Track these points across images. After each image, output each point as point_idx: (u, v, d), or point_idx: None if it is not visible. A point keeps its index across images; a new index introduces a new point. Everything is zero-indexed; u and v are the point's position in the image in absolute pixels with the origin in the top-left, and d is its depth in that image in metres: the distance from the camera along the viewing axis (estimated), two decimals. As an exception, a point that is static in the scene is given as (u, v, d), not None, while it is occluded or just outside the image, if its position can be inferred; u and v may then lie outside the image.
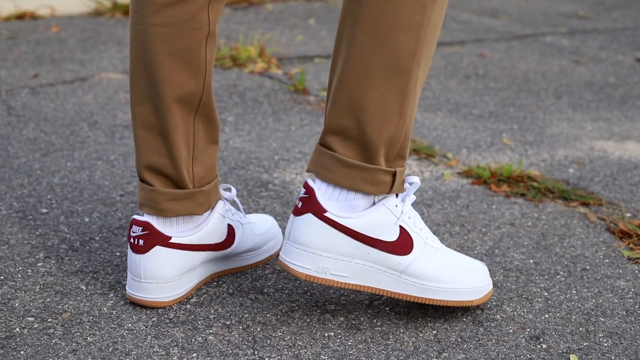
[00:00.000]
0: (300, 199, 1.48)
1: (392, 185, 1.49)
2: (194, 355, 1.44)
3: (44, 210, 1.94)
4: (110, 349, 1.45)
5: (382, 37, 1.42)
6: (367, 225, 1.47)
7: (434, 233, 1.94)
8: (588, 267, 1.83)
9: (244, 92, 2.87)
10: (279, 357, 1.45)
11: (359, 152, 1.46)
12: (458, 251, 1.84)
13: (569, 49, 3.69)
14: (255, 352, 1.46)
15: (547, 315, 1.63)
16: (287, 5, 4.24)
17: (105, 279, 1.67)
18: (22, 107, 2.60)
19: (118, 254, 1.77)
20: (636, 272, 1.82)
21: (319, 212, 1.46)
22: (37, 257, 1.74)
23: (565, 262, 1.84)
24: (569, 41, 3.84)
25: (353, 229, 1.47)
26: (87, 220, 1.91)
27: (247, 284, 1.68)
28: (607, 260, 1.87)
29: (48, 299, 1.58)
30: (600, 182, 2.29)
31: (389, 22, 1.41)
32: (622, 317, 1.65)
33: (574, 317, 1.64)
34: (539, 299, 1.69)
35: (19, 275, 1.66)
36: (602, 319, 1.63)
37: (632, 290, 1.75)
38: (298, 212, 1.47)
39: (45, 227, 1.86)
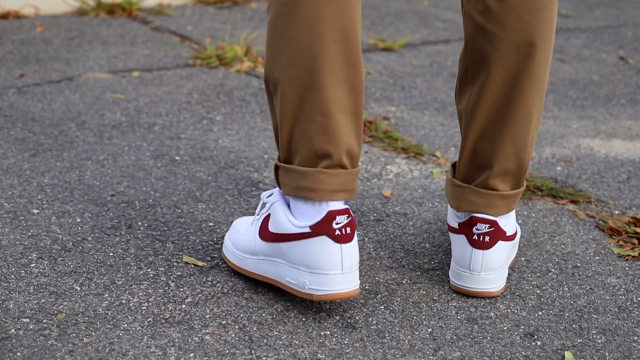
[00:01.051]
0: (486, 234, 1.66)
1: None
2: (191, 355, 1.44)
3: (35, 211, 1.93)
4: (107, 349, 1.44)
5: (541, 88, 1.63)
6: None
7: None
8: (579, 265, 1.84)
9: (231, 92, 2.87)
10: (277, 357, 1.45)
11: (514, 183, 1.70)
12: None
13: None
14: (253, 351, 1.46)
15: (540, 313, 1.65)
16: (272, 4, 4.24)
17: (99, 280, 1.66)
18: (9, 107, 2.59)
19: (111, 254, 1.76)
20: (626, 269, 1.84)
21: (505, 237, 1.67)
22: (29, 257, 1.73)
23: (557, 260, 1.86)
24: (553, 39, 3.85)
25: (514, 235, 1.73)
26: (78, 220, 1.90)
27: (241, 283, 1.68)
28: (597, 258, 1.88)
29: (42, 300, 1.58)
30: (588, 179, 2.31)
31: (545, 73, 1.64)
32: (615, 313, 1.66)
33: (567, 314, 1.65)
34: (532, 297, 1.70)
35: (12, 276, 1.66)
36: (595, 316, 1.65)
37: (624, 287, 1.76)
38: (488, 246, 1.65)
39: (37, 228, 1.86)
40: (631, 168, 2.40)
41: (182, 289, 1.64)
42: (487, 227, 1.65)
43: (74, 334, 1.48)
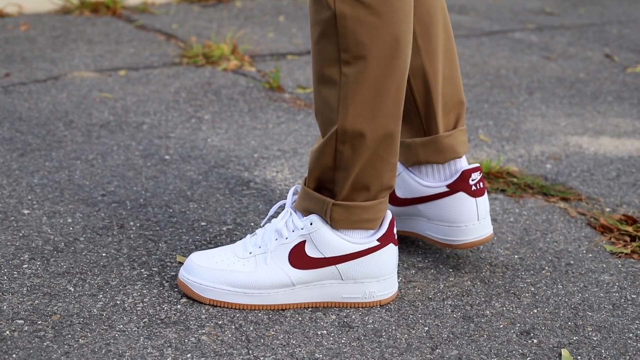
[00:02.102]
0: (480, 180, 1.74)
1: None
2: (188, 355, 1.43)
3: (26, 211, 1.92)
4: (104, 350, 1.43)
5: None
6: None
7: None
8: (572, 262, 1.85)
9: (219, 90, 2.86)
10: (274, 356, 1.44)
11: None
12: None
13: (538, 45, 3.72)
14: (250, 351, 1.45)
15: (535, 310, 1.65)
16: (256, 3, 4.23)
17: (92, 280, 1.65)
18: (-5, 106, 2.57)
19: (104, 254, 1.75)
20: (619, 266, 1.84)
21: None
22: (22, 258, 1.72)
23: (550, 257, 1.86)
24: (538, 37, 3.87)
25: None
26: (70, 220, 1.89)
27: (236, 283, 1.67)
28: (590, 255, 1.88)
29: (36, 301, 1.57)
30: (577, 177, 2.31)
31: None
32: (609, 311, 1.67)
33: (562, 311, 1.65)
34: (527, 294, 1.70)
35: (5, 278, 1.64)
36: (590, 313, 1.65)
37: (617, 284, 1.77)
38: (484, 190, 1.75)
39: (28, 228, 1.84)
40: (620, 165, 2.41)
41: (176, 289, 1.63)
42: (478, 174, 1.73)
43: (70, 335, 1.47)
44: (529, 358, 1.49)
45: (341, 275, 1.58)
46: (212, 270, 1.58)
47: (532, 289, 1.73)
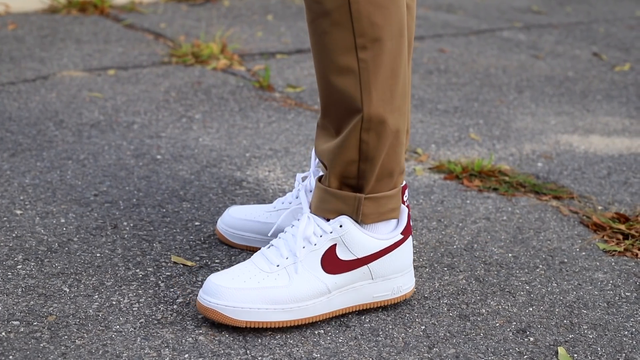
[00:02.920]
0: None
1: None
2: (186, 356, 1.43)
3: (18, 212, 1.91)
4: (101, 351, 1.43)
5: None
6: None
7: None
8: (566, 260, 1.85)
9: (209, 89, 2.85)
10: (272, 356, 1.44)
11: None
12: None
13: (526, 44, 3.73)
14: (248, 351, 1.45)
15: (531, 309, 1.65)
16: (245, 2, 4.22)
17: (87, 281, 1.64)
18: (-16, 106, 2.56)
19: (98, 255, 1.74)
20: (613, 264, 1.85)
21: None
22: (15, 259, 1.71)
23: (544, 256, 1.87)
24: (526, 36, 3.88)
25: None
26: (63, 221, 1.88)
27: (232, 283, 1.67)
28: (583, 253, 1.89)
29: (32, 302, 1.56)
30: (569, 175, 2.32)
31: None
32: (604, 308, 1.67)
33: (557, 309, 1.66)
34: (522, 293, 1.71)
35: (-1, 279, 1.64)
36: (585, 311, 1.66)
37: (611, 282, 1.77)
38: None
39: (21, 229, 1.83)
40: (611, 164, 2.42)
41: (172, 290, 1.63)
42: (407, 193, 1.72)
43: (66, 337, 1.46)
44: (525, 356, 1.50)
45: (372, 274, 1.56)
46: (242, 291, 1.47)
47: (527, 287, 1.73)
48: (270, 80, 2.98)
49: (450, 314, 1.61)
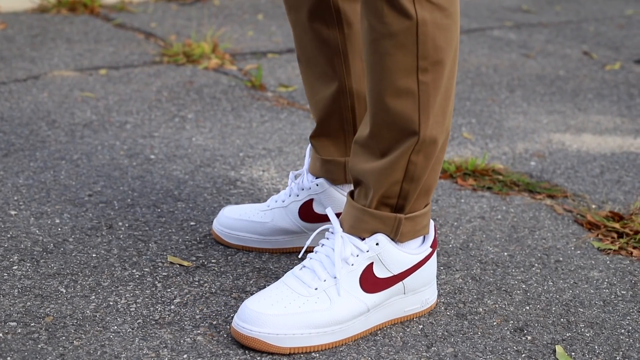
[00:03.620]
0: None
1: None
2: (185, 356, 1.43)
3: (13, 212, 1.90)
4: (99, 352, 1.42)
5: None
6: None
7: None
8: (561, 259, 1.86)
9: (201, 89, 2.85)
10: (271, 357, 1.44)
11: None
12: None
13: (517, 43, 3.73)
14: (246, 351, 1.45)
15: (527, 307, 1.65)
16: (235, 1, 4.22)
17: (84, 281, 1.64)
18: (-24, 106, 2.54)
19: (94, 255, 1.74)
20: (608, 262, 1.86)
21: None
22: (11, 260, 1.70)
23: (539, 254, 1.87)
24: (516, 35, 3.89)
25: None
26: (57, 221, 1.87)
27: (229, 283, 1.67)
28: (578, 252, 1.90)
29: (28, 303, 1.55)
30: (562, 174, 2.32)
31: None
32: (600, 307, 1.68)
33: (553, 308, 1.66)
34: (518, 291, 1.71)
35: (-5, 279, 1.63)
36: (581, 310, 1.66)
37: (606, 280, 1.78)
38: None
39: (16, 230, 1.82)
40: (604, 162, 2.42)
41: (169, 290, 1.63)
42: None
43: (64, 337, 1.46)
44: (524, 355, 1.50)
45: (405, 289, 1.55)
46: (285, 317, 1.44)
47: (523, 286, 1.74)
48: (262, 79, 2.98)
49: (448, 313, 1.61)
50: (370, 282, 1.51)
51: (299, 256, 1.69)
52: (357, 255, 1.50)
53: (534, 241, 1.93)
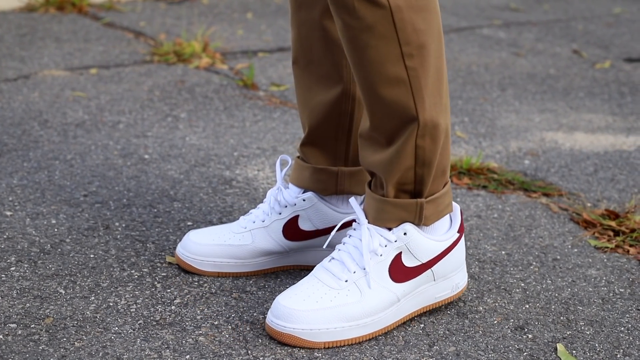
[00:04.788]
0: None
1: None
2: (187, 357, 1.42)
3: (8, 213, 1.89)
4: (101, 353, 1.41)
5: None
6: None
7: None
8: (559, 257, 1.86)
9: (193, 88, 2.84)
10: (274, 356, 1.44)
11: None
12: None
13: (506, 42, 3.74)
14: (249, 351, 1.44)
15: (527, 306, 1.66)
16: (224, 0, 4.21)
17: (83, 282, 1.63)
18: (-33, 106, 2.53)
19: (92, 256, 1.73)
20: (605, 260, 1.86)
21: None
22: (8, 261, 1.69)
23: (536, 253, 1.87)
24: (506, 33, 3.89)
25: None
26: (54, 222, 1.86)
27: (228, 283, 1.66)
28: (575, 250, 1.90)
29: (27, 304, 1.54)
30: (556, 172, 2.33)
31: None
32: (599, 305, 1.68)
33: (553, 306, 1.66)
34: (517, 290, 1.71)
35: (-7, 281, 1.62)
36: (581, 308, 1.66)
37: (604, 278, 1.78)
38: None
39: (12, 230, 1.81)
40: (597, 161, 2.43)
41: (169, 290, 1.62)
42: None
43: (65, 339, 1.45)
44: (525, 353, 1.50)
45: (434, 276, 1.55)
46: (318, 311, 1.45)
47: (522, 284, 1.74)
48: (254, 78, 2.97)
49: (448, 312, 1.61)
50: (399, 271, 1.51)
51: (324, 247, 1.67)
52: (386, 246, 1.51)
53: (530, 240, 1.93)
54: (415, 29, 1.41)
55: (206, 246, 1.68)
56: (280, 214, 1.69)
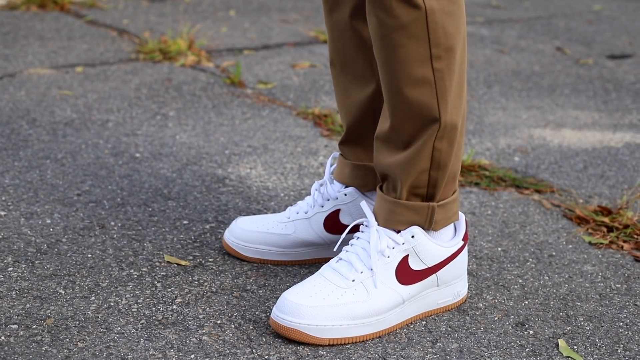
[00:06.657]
0: None
1: None
2: (192, 356, 1.41)
3: (2, 213, 1.87)
4: (105, 354, 1.40)
5: None
6: None
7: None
8: (554, 254, 1.87)
9: (180, 86, 2.83)
10: (278, 355, 1.43)
11: None
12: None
13: (490, 39, 3.76)
14: (253, 350, 1.44)
15: (526, 302, 1.66)
16: (205, -3, 4.20)
17: (82, 282, 1.62)
18: (-47, 105, 2.50)
19: (89, 255, 1.72)
20: (600, 256, 1.87)
21: None
22: (5, 261, 1.67)
23: (532, 249, 1.88)
24: (489, 31, 3.91)
25: None
26: (49, 221, 1.85)
27: (229, 281, 1.66)
28: (570, 246, 1.91)
29: (28, 305, 1.53)
30: (546, 169, 2.34)
31: None
32: (597, 300, 1.69)
33: (552, 302, 1.67)
34: (516, 286, 1.72)
35: (-9, 281, 1.60)
36: (579, 304, 1.67)
37: (600, 274, 1.80)
38: None
39: (7, 230, 1.80)
40: (586, 157, 2.45)
41: (169, 289, 1.61)
42: None
43: (67, 339, 1.44)
44: (527, 349, 1.51)
45: (438, 281, 1.57)
46: (324, 308, 1.46)
47: (520, 280, 1.75)
48: (240, 76, 2.96)
49: (449, 309, 1.62)
50: (405, 274, 1.53)
51: (334, 249, 1.69)
52: (393, 248, 1.52)
53: (525, 236, 1.94)
54: (445, 32, 1.43)
55: (251, 232, 1.73)
56: (322, 206, 1.73)
